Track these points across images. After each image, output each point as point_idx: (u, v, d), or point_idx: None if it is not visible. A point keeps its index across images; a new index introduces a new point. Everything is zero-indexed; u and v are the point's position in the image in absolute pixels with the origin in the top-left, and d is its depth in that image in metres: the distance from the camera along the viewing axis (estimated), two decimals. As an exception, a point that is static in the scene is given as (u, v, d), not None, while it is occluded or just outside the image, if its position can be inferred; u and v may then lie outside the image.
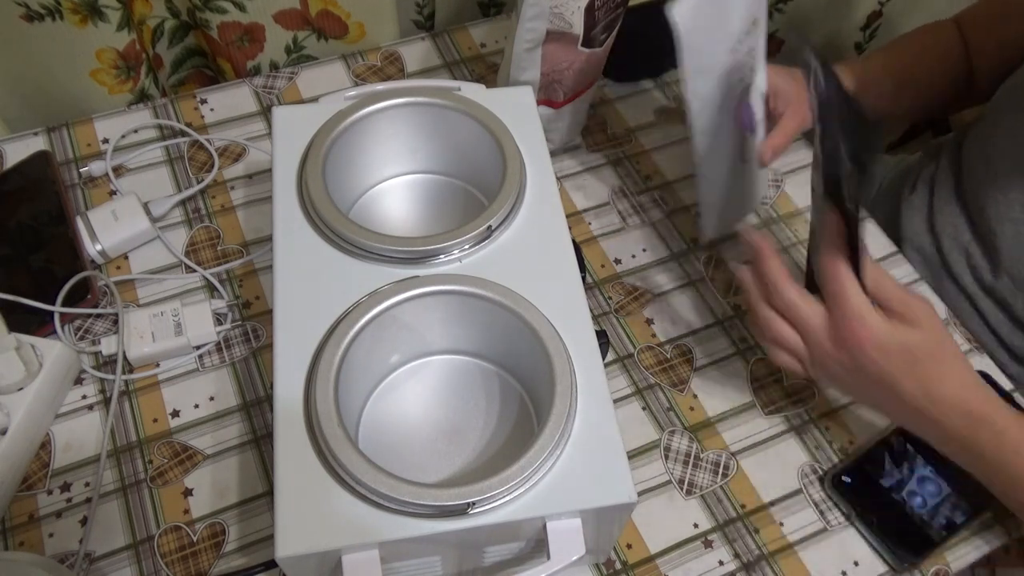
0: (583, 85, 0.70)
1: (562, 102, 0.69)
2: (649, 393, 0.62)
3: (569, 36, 0.64)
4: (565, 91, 0.69)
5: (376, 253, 0.50)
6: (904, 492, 0.57)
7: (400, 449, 0.50)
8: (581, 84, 0.69)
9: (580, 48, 0.65)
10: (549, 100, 0.69)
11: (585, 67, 0.67)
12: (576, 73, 0.67)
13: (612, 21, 0.65)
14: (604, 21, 0.64)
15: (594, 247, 0.69)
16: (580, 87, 0.70)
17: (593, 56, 0.67)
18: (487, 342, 0.53)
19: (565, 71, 0.67)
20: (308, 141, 0.55)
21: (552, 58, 0.66)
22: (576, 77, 0.68)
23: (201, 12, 0.75)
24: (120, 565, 0.53)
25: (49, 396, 0.57)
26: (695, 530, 0.57)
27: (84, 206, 0.68)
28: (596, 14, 0.63)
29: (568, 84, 0.68)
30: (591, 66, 0.68)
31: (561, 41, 0.64)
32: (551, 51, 0.65)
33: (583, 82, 0.69)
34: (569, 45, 0.65)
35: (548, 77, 0.67)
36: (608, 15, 0.64)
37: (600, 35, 0.65)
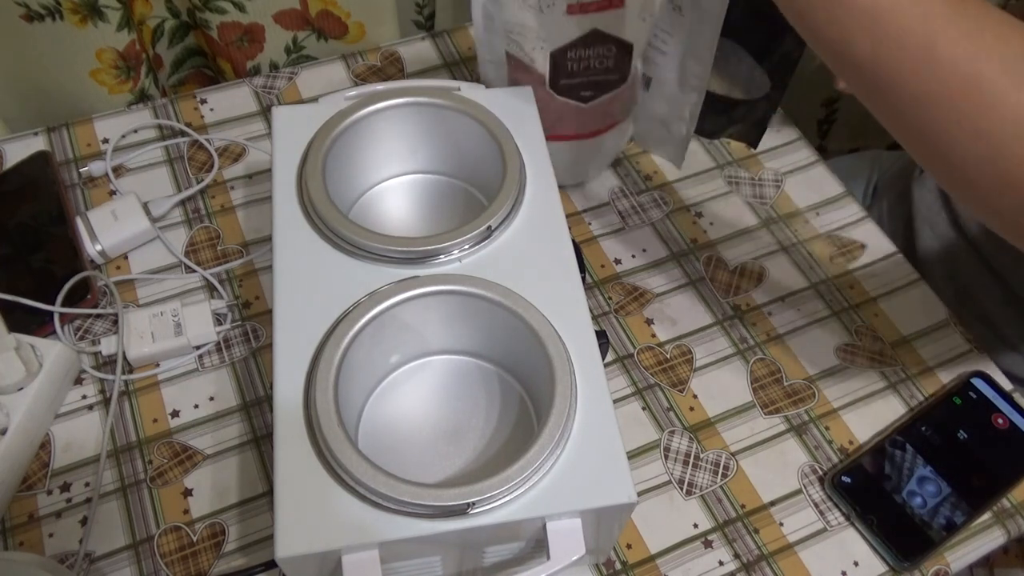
0: (564, 131, 0.65)
1: None
2: (649, 393, 0.62)
3: (530, 70, 0.60)
4: None
5: (376, 253, 0.50)
6: (904, 492, 0.57)
7: (400, 449, 0.50)
8: (560, 130, 0.64)
9: (548, 90, 0.61)
10: None
11: (562, 114, 0.63)
12: (546, 115, 0.60)
13: (603, 84, 0.61)
14: (585, 78, 0.60)
15: (594, 247, 0.69)
16: (556, 131, 0.64)
17: (571, 108, 0.62)
18: (487, 342, 0.53)
19: None
20: (308, 141, 0.55)
21: (516, 83, 0.63)
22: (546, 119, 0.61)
23: (201, 12, 0.75)
24: (120, 565, 0.53)
25: (49, 396, 0.57)
26: (695, 530, 0.57)
27: (84, 206, 0.68)
28: (569, 64, 0.59)
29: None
30: (572, 117, 0.64)
31: (525, 73, 0.61)
32: (515, 74, 0.63)
33: (563, 128, 0.65)
34: (533, 80, 0.61)
35: None
36: (592, 74, 0.60)
37: (582, 90, 0.61)
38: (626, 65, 0.61)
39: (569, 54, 0.59)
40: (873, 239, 0.71)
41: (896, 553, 0.55)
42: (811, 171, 0.75)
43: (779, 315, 0.67)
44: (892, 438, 0.60)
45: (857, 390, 0.63)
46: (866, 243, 0.71)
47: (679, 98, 0.66)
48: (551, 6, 0.56)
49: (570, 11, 0.56)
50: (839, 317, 0.67)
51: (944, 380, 0.64)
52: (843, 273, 0.69)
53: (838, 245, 0.71)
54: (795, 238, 0.71)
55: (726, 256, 0.70)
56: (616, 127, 0.67)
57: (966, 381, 0.63)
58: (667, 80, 0.65)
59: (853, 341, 0.66)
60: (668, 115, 0.69)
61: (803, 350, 0.65)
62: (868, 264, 0.70)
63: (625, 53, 0.60)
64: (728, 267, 0.69)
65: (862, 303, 0.68)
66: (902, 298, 0.68)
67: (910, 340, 0.66)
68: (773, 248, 0.70)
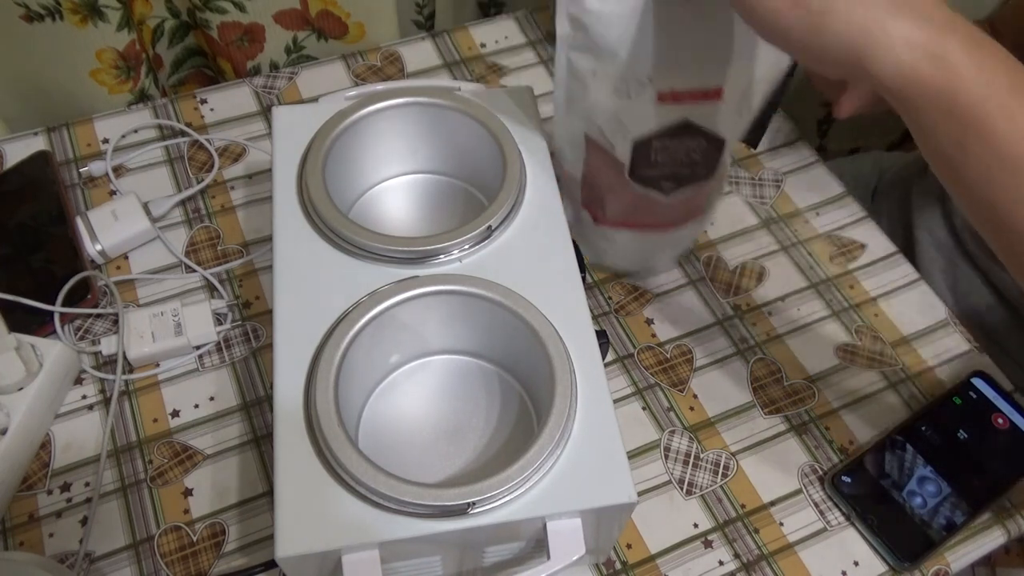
0: (636, 220, 0.60)
1: (603, 221, 0.61)
2: (649, 393, 0.62)
3: (610, 156, 0.55)
4: (605, 213, 0.60)
5: (376, 253, 0.50)
6: (904, 492, 0.57)
7: (400, 449, 0.50)
8: (632, 218, 0.60)
9: (628, 179, 0.55)
10: (589, 206, 0.62)
11: (639, 204, 0.58)
12: (621, 203, 0.58)
13: (687, 177, 0.56)
14: (669, 169, 0.55)
15: (594, 247, 0.69)
16: (630, 219, 0.60)
17: (649, 198, 0.57)
18: (487, 342, 0.53)
19: (605, 191, 0.59)
20: (308, 141, 0.55)
21: (593, 166, 0.58)
22: (621, 207, 0.58)
23: (201, 12, 0.75)
24: (120, 565, 0.53)
25: (49, 396, 0.57)
26: (695, 530, 0.57)
27: (84, 206, 0.68)
28: (652, 154, 0.53)
29: (611, 209, 0.60)
30: (649, 207, 0.58)
31: (602, 157, 0.56)
32: (593, 158, 0.57)
33: (638, 218, 0.59)
34: (612, 168, 0.56)
35: (589, 181, 0.59)
36: (677, 166, 0.55)
37: (663, 181, 0.55)
38: (715, 160, 0.55)
39: (654, 144, 0.53)
40: (873, 239, 0.71)
41: (896, 553, 0.55)
42: (811, 171, 0.75)
43: (779, 315, 0.67)
44: (892, 438, 0.60)
45: (857, 390, 0.63)
46: (866, 243, 0.71)
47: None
48: (640, 93, 0.50)
49: (661, 99, 0.50)
50: (839, 317, 0.67)
51: (944, 380, 0.64)
52: (843, 273, 0.69)
53: (838, 245, 0.71)
54: (795, 238, 0.71)
55: (726, 256, 0.70)
56: (695, 219, 0.62)
57: (966, 381, 0.63)
58: None
59: (853, 341, 0.66)
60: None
61: (803, 350, 0.65)
62: (868, 264, 0.70)
63: (716, 148, 0.54)
64: (728, 267, 0.69)
65: (862, 303, 0.68)
66: (902, 298, 0.68)
67: (910, 340, 0.66)
68: (773, 248, 0.70)
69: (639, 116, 0.51)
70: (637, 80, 0.49)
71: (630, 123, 0.52)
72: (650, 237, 0.62)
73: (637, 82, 0.50)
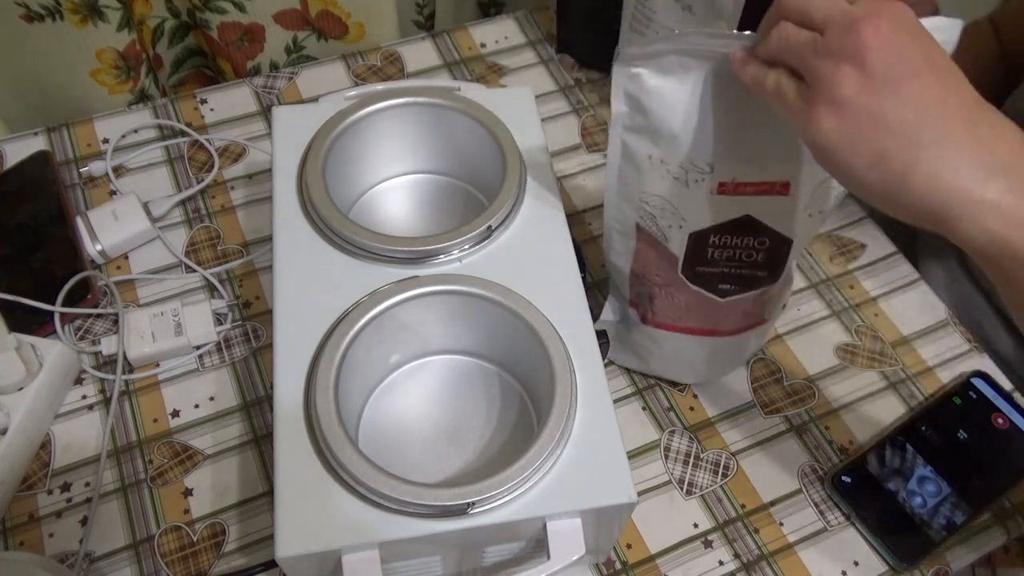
0: (689, 324, 0.55)
1: (651, 321, 0.57)
2: (649, 393, 0.62)
3: (662, 249, 0.51)
4: (652, 312, 0.56)
5: (376, 253, 0.50)
6: (904, 492, 0.57)
7: (400, 449, 0.50)
8: (686, 321, 0.55)
9: (680, 275, 0.51)
10: (637, 303, 0.57)
11: (692, 305, 0.53)
12: (672, 302, 0.53)
13: (747, 279, 0.51)
14: (726, 269, 0.50)
15: (594, 247, 0.69)
16: (680, 322, 0.55)
17: (703, 299, 0.52)
18: (487, 342, 0.53)
19: (655, 288, 0.54)
20: (308, 141, 0.55)
21: (643, 260, 0.53)
22: (671, 307, 0.54)
23: (201, 12, 0.75)
24: (120, 565, 0.53)
25: (49, 396, 0.57)
26: (695, 530, 0.57)
27: (84, 206, 0.68)
28: (709, 250, 0.49)
29: (657, 307, 0.55)
30: (703, 310, 0.53)
31: (654, 249, 0.52)
32: (643, 250, 0.53)
33: (689, 320, 0.54)
34: (664, 262, 0.52)
35: (638, 274, 0.55)
36: (736, 266, 0.50)
37: (720, 283, 0.51)
38: (780, 263, 0.50)
39: (712, 239, 0.49)
40: (873, 239, 0.71)
41: (896, 553, 0.55)
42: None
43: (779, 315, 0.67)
44: (892, 438, 0.60)
45: (857, 390, 0.63)
46: (866, 243, 0.71)
47: None
48: (700, 181, 0.46)
49: (721, 190, 0.46)
50: (839, 317, 0.67)
51: (944, 380, 0.64)
52: (843, 273, 0.69)
53: (838, 245, 0.71)
54: (795, 238, 0.71)
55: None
56: (756, 328, 0.56)
57: (966, 381, 0.63)
58: None
59: (853, 341, 0.66)
60: None
61: (803, 350, 0.65)
62: (868, 264, 0.70)
63: (781, 249, 0.49)
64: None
65: (862, 303, 0.68)
66: (902, 298, 0.68)
67: (910, 340, 0.66)
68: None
69: (697, 207, 0.47)
70: (697, 168, 0.46)
71: (687, 213, 0.48)
72: (702, 343, 0.56)
73: (697, 170, 0.46)
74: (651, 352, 0.59)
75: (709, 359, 0.58)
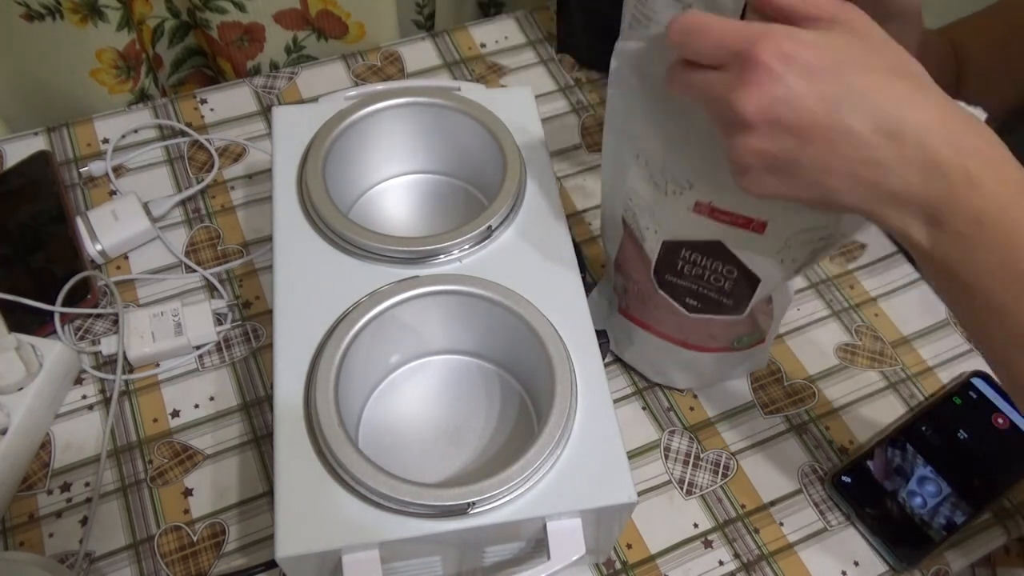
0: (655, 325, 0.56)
1: (621, 310, 0.59)
2: (649, 393, 0.62)
3: (639, 248, 0.52)
4: (626, 304, 0.58)
5: (376, 253, 0.50)
6: (904, 492, 0.57)
7: (400, 449, 0.50)
8: (652, 320, 0.56)
9: (651, 277, 0.52)
10: (617, 292, 0.59)
11: (662, 311, 0.54)
12: (643, 301, 0.54)
13: (712, 303, 0.51)
14: (694, 286, 0.51)
15: (594, 247, 0.69)
16: (650, 322, 0.56)
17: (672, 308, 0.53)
18: (487, 342, 0.53)
19: (630, 282, 0.55)
20: (308, 141, 0.55)
21: (625, 253, 0.55)
22: (642, 305, 0.55)
23: (201, 12, 0.75)
24: (120, 565, 0.53)
25: (49, 396, 0.57)
26: (695, 530, 0.57)
27: (84, 206, 0.68)
28: (679, 263, 0.50)
29: (630, 301, 0.57)
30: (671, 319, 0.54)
31: (633, 246, 0.52)
32: (625, 244, 0.54)
33: (661, 326, 0.56)
34: (640, 261, 0.52)
35: (620, 265, 0.56)
36: (704, 287, 0.50)
37: (687, 297, 0.52)
38: (745, 298, 0.50)
39: (683, 252, 0.49)
40: (873, 239, 0.71)
41: (896, 553, 0.55)
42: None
43: (779, 315, 0.67)
44: (892, 438, 0.60)
45: (857, 390, 0.63)
46: (866, 243, 0.71)
47: None
48: (677, 193, 0.46)
49: (697, 209, 0.46)
50: (839, 317, 0.67)
51: (944, 380, 0.64)
52: (843, 273, 0.69)
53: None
54: (795, 238, 0.71)
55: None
56: (720, 354, 0.57)
57: (966, 381, 0.63)
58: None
59: (853, 341, 0.66)
60: None
61: (803, 350, 0.65)
62: (868, 264, 0.70)
63: (747, 284, 0.49)
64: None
65: (862, 303, 0.68)
66: (902, 298, 0.68)
67: (910, 340, 0.66)
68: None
69: (672, 217, 0.47)
70: (676, 181, 0.45)
71: (662, 220, 0.48)
72: (668, 348, 0.57)
73: (676, 183, 0.46)
74: (626, 345, 0.61)
75: (676, 367, 0.59)
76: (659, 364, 0.60)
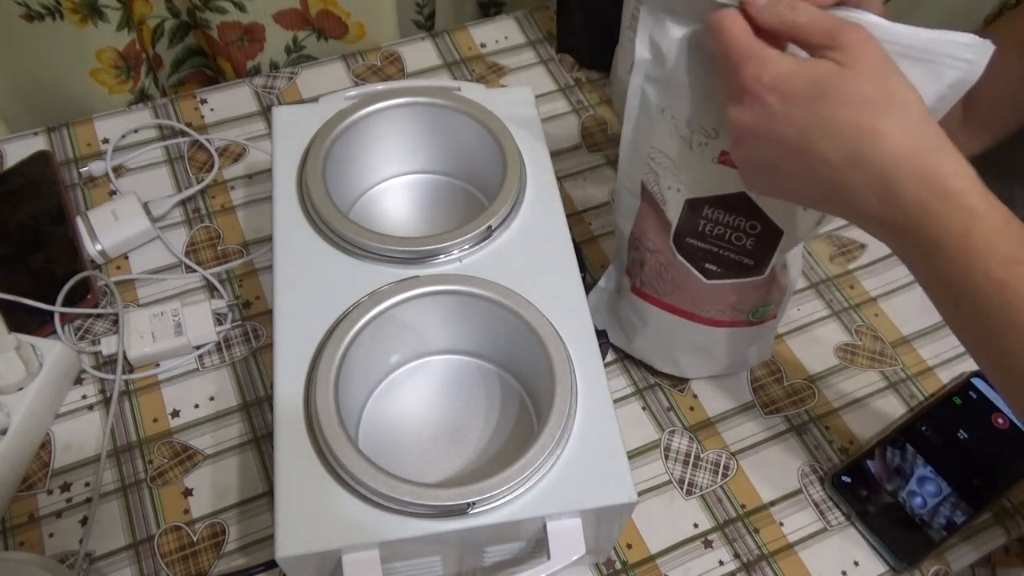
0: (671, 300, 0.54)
1: (637, 289, 0.56)
2: (649, 393, 0.62)
3: (660, 213, 0.51)
4: (641, 280, 0.56)
5: (376, 253, 0.50)
6: (904, 492, 0.57)
7: (400, 449, 0.50)
8: (669, 296, 0.54)
9: (671, 244, 0.51)
10: (631, 269, 0.57)
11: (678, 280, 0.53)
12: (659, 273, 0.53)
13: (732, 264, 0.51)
14: (714, 247, 0.50)
15: (594, 247, 0.69)
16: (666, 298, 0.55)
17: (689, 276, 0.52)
18: (487, 342, 0.53)
19: (647, 253, 0.54)
20: (308, 141, 0.55)
21: (642, 223, 0.53)
22: (658, 277, 0.53)
23: (201, 12, 0.75)
24: (120, 565, 0.53)
25: (49, 396, 0.57)
26: (695, 530, 0.57)
27: (84, 206, 0.68)
28: (701, 222, 0.49)
29: (646, 276, 0.55)
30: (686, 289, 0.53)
31: (653, 213, 0.51)
32: (644, 212, 0.52)
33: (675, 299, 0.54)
34: (659, 227, 0.51)
35: (635, 240, 0.55)
36: (724, 247, 0.50)
37: (706, 261, 0.51)
38: (767, 254, 0.50)
39: (705, 210, 0.48)
40: (873, 239, 0.71)
41: (896, 553, 0.55)
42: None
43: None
44: (892, 438, 0.60)
45: (857, 390, 0.63)
46: (866, 243, 0.71)
47: None
48: (703, 144, 0.45)
49: (722, 159, 0.46)
50: (839, 317, 0.67)
51: (944, 380, 0.64)
52: (843, 273, 0.69)
53: (838, 245, 0.71)
54: (795, 238, 0.71)
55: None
56: (736, 329, 0.56)
57: (966, 381, 0.63)
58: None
59: (853, 341, 0.66)
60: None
61: (803, 350, 0.65)
62: (868, 264, 0.70)
63: (770, 238, 0.49)
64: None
65: (862, 303, 0.68)
66: (902, 298, 0.68)
67: (910, 340, 0.66)
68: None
69: (696, 172, 0.47)
70: (703, 130, 0.45)
71: (686, 177, 0.48)
72: (682, 326, 0.56)
73: (702, 131, 0.45)
74: (635, 328, 0.59)
75: (687, 348, 0.58)
76: (669, 348, 0.59)
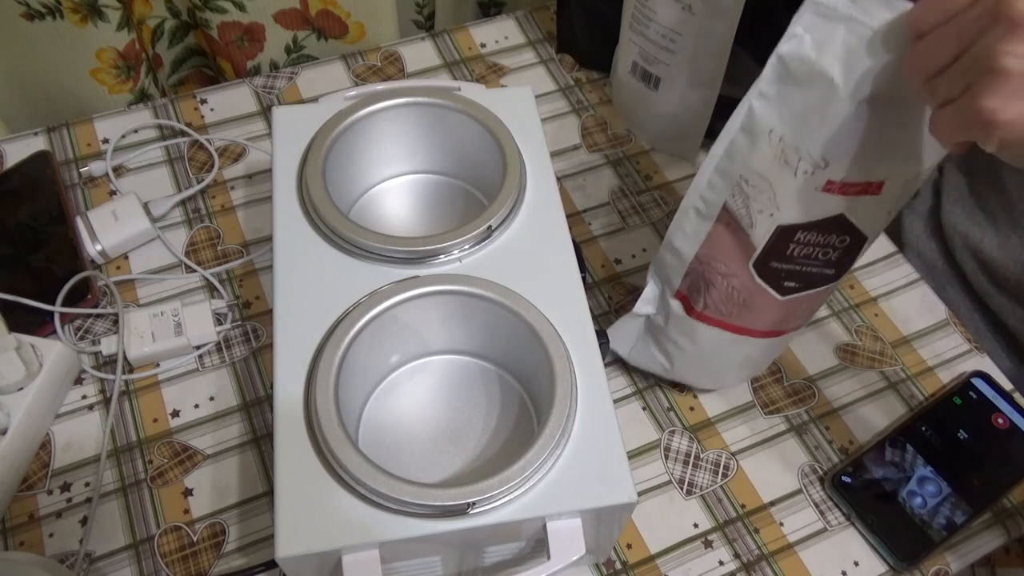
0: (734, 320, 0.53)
1: (697, 313, 0.54)
2: (649, 393, 0.62)
3: (741, 236, 0.49)
4: (705, 304, 0.53)
5: (376, 253, 0.50)
6: (904, 492, 0.57)
7: (400, 449, 0.50)
8: (733, 316, 0.53)
9: (750, 268, 0.49)
10: (687, 296, 0.54)
11: (746, 300, 0.51)
12: (729, 294, 0.51)
13: (813, 278, 0.49)
14: (799, 267, 0.49)
15: (594, 247, 0.69)
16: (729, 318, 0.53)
17: (762, 297, 0.50)
18: (487, 342, 0.53)
19: (717, 276, 0.51)
20: (308, 141, 0.55)
21: (715, 245, 0.51)
22: (723, 298, 0.52)
23: (201, 12, 0.75)
24: (120, 565, 0.53)
25: (49, 396, 0.57)
26: (695, 530, 0.57)
27: (84, 206, 0.68)
28: (791, 246, 0.47)
29: (713, 298, 0.53)
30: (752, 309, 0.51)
31: (732, 235, 0.49)
32: (718, 235, 0.50)
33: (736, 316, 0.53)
34: (737, 250, 0.49)
35: (700, 264, 0.52)
36: (809, 264, 0.48)
37: (786, 280, 0.49)
38: (850, 261, 0.49)
39: (799, 235, 0.47)
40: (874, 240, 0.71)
41: (896, 553, 0.55)
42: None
43: (779, 315, 0.67)
44: (892, 438, 0.60)
45: (857, 390, 0.63)
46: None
47: (690, 95, 0.66)
48: (808, 173, 0.43)
49: (828, 188, 0.44)
50: (839, 317, 0.67)
51: (944, 380, 0.64)
52: (843, 273, 0.69)
53: (838, 245, 0.71)
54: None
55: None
56: (786, 335, 0.55)
57: (966, 381, 0.63)
58: (677, 78, 0.66)
59: (853, 341, 0.66)
60: (679, 113, 0.68)
61: (803, 350, 0.65)
62: (868, 264, 0.70)
63: (856, 246, 0.48)
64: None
65: (862, 303, 0.68)
66: (902, 298, 0.68)
67: (910, 340, 0.66)
68: None
69: (796, 199, 0.45)
70: (812, 160, 0.43)
71: (783, 203, 0.45)
72: (740, 343, 0.55)
73: (811, 162, 0.43)
74: (682, 350, 0.57)
75: (737, 362, 0.57)
76: (720, 366, 0.57)
